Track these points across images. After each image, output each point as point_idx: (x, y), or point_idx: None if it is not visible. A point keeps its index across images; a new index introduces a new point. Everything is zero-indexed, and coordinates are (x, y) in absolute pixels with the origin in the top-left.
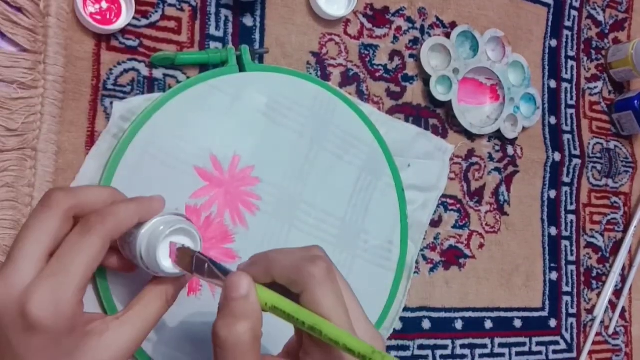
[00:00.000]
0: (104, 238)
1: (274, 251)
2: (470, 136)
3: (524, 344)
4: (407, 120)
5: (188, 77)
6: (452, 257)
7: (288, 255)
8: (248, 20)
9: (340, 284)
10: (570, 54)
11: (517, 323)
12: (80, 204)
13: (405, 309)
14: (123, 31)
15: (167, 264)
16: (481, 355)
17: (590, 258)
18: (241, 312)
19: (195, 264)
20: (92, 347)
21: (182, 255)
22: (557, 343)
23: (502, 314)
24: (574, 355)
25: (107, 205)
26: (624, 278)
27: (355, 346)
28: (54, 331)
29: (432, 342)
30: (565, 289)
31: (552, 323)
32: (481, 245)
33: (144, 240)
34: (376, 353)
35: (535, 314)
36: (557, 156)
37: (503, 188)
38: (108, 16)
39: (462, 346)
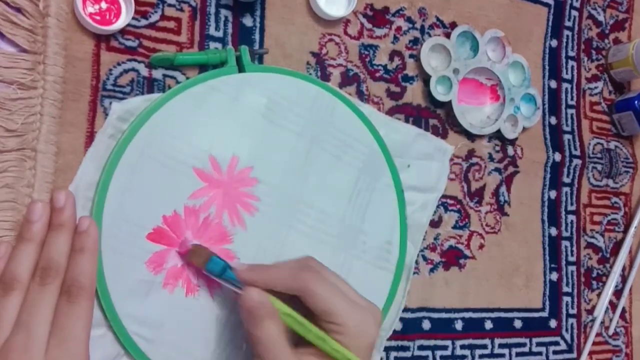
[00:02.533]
0: (89, 299)
1: (271, 265)
2: (471, 136)
3: (524, 345)
4: (407, 121)
5: (187, 78)
6: (452, 258)
7: (282, 267)
8: (248, 21)
9: (330, 276)
10: (571, 54)
11: (517, 323)
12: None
13: (405, 310)
14: (122, 31)
15: None
16: (481, 356)
17: (590, 258)
18: (262, 313)
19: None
20: None
21: (198, 251)
22: (557, 343)
23: (502, 315)
24: (574, 355)
25: (72, 263)
26: (624, 278)
27: (354, 357)
28: None
29: (432, 342)
30: (566, 289)
31: (552, 323)
32: (481, 246)
33: None
34: None
35: (536, 315)
36: (558, 156)
37: (503, 188)
38: (107, 16)
39: (462, 347)
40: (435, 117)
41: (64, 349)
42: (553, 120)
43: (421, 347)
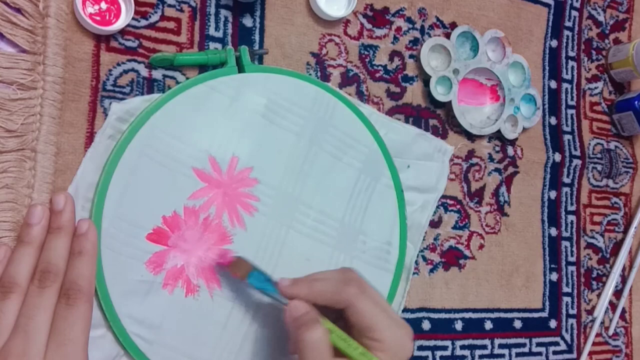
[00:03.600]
0: (88, 302)
1: (313, 278)
2: (470, 137)
3: (524, 345)
4: (407, 121)
5: (187, 78)
6: (452, 258)
7: (326, 281)
8: (247, 21)
9: (371, 291)
10: (571, 54)
11: (517, 324)
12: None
13: (405, 310)
14: (122, 32)
15: None
16: (481, 356)
17: (590, 259)
18: (310, 319)
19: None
20: None
21: (239, 264)
22: (557, 344)
23: (502, 315)
24: (574, 356)
25: (71, 266)
26: (624, 279)
27: None
28: None
29: (432, 342)
30: (566, 289)
31: (552, 324)
32: (481, 246)
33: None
34: None
35: (535, 315)
36: (558, 157)
37: (503, 189)
38: (107, 17)
39: (462, 347)
40: (435, 117)
41: (62, 353)
42: (553, 121)
43: (421, 348)
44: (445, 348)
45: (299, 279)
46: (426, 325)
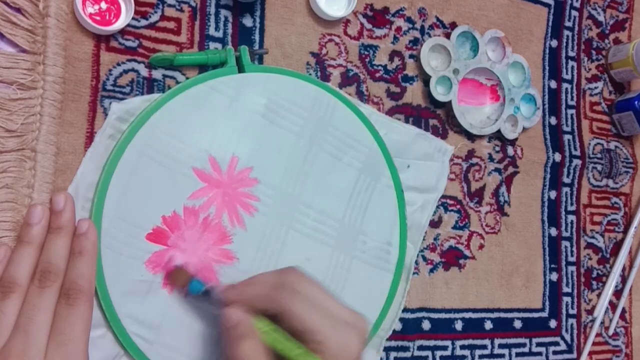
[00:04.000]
0: (88, 301)
1: (247, 282)
2: (470, 137)
3: (524, 345)
4: (407, 121)
5: (187, 78)
6: (452, 258)
7: (258, 285)
8: (247, 21)
9: (310, 291)
10: (571, 54)
11: (517, 324)
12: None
13: (405, 310)
14: (122, 32)
15: None
16: (481, 356)
17: (590, 259)
18: (240, 333)
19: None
20: None
21: (178, 274)
22: (557, 344)
23: (502, 315)
24: (574, 356)
25: (71, 266)
26: (624, 279)
27: None
28: None
29: (432, 342)
30: (566, 289)
31: (552, 324)
32: (481, 246)
33: None
34: None
35: (535, 315)
36: (558, 157)
37: (503, 189)
38: (107, 17)
39: (462, 347)
40: (435, 117)
41: (62, 352)
42: (553, 121)
43: (421, 348)
44: (445, 348)
45: (235, 284)
46: (426, 325)
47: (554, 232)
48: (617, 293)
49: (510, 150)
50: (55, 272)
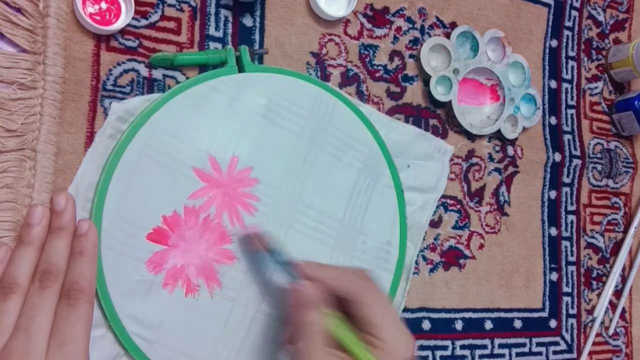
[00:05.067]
0: (89, 302)
1: (325, 265)
2: (471, 137)
3: (524, 345)
4: (407, 121)
5: (187, 78)
6: (452, 258)
7: (341, 270)
8: (248, 21)
9: (382, 294)
10: (571, 54)
11: (517, 324)
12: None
13: (405, 310)
14: (122, 32)
15: None
16: (481, 356)
17: (590, 258)
18: (313, 302)
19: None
20: None
21: (262, 238)
22: (557, 344)
23: (502, 315)
24: (574, 355)
25: (72, 266)
26: (624, 279)
27: None
28: None
29: (432, 342)
30: (566, 289)
31: (552, 324)
32: (481, 246)
33: None
34: None
35: (535, 315)
36: (558, 156)
37: (503, 188)
38: (107, 17)
39: (462, 347)
40: (435, 117)
41: (63, 352)
42: (553, 121)
43: (421, 347)
44: (445, 348)
45: (313, 262)
46: (426, 325)
47: (554, 232)
48: (617, 293)
49: (510, 150)
50: (55, 272)
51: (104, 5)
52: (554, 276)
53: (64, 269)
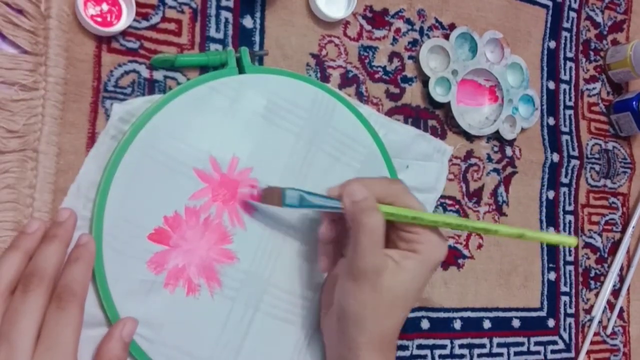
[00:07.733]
0: (80, 306)
1: (364, 178)
2: (469, 137)
3: (522, 344)
4: (406, 122)
5: (188, 79)
6: (451, 258)
7: (375, 178)
8: (248, 22)
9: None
10: (569, 55)
11: (516, 323)
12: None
13: None
14: (123, 33)
15: None
16: (480, 355)
17: (588, 258)
18: (370, 205)
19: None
20: None
21: (270, 194)
22: (555, 343)
23: (501, 314)
24: (572, 355)
25: (65, 271)
26: (622, 278)
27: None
28: None
29: (430, 342)
30: (564, 289)
31: (550, 323)
32: (480, 246)
33: None
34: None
35: (534, 314)
36: (556, 157)
37: (501, 189)
38: (109, 18)
39: (461, 346)
40: (434, 118)
41: (50, 356)
42: (551, 121)
43: (420, 347)
44: (444, 347)
45: (350, 180)
46: (425, 325)
47: (552, 232)
48: (615, 292)
49: (508, 151)
50: (39, 276)
51: (105, 6)
52: (552, 276)
53: (50, 275)
